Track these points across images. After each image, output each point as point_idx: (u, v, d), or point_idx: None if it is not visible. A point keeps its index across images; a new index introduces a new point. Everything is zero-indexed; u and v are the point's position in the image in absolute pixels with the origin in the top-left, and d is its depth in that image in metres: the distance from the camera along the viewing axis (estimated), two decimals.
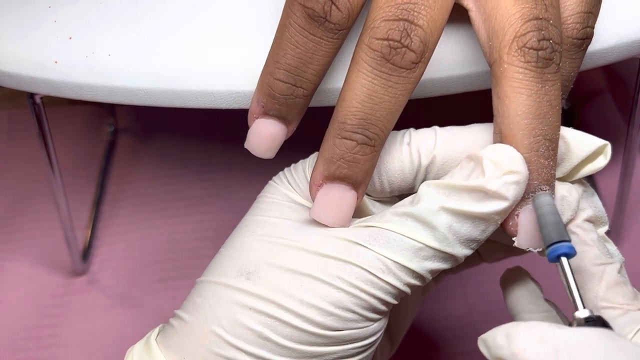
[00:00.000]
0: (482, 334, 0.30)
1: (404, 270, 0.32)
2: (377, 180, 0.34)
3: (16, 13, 0.41)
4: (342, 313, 0.32)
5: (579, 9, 0.34)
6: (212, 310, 0.33)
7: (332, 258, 0.32)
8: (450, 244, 0.32)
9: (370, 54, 0.31)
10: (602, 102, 0.66)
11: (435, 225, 0.32)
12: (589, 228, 0.35)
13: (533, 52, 0.31)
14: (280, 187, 0.36)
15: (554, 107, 0.32)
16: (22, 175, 0.63)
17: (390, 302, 0.33)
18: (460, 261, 0.33)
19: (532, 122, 0.32)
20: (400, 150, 0.34)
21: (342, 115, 0.32)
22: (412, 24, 0.31)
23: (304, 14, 0.32)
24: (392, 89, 0.32)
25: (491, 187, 0.31)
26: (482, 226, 0.32)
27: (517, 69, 0.32)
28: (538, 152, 0.32)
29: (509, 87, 0.32)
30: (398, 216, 0.32)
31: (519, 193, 0.32)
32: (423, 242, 0.32)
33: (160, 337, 0.34)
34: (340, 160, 0.32)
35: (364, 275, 0.32)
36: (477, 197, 0.32)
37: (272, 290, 0.32)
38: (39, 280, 0.57)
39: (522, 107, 0.32)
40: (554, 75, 0.32)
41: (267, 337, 0.32)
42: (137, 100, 0.39)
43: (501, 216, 0.32)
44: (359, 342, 0.33)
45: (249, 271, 0.33)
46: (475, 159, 0.32)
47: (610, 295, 0.33)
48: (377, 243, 0.32)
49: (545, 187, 0.32)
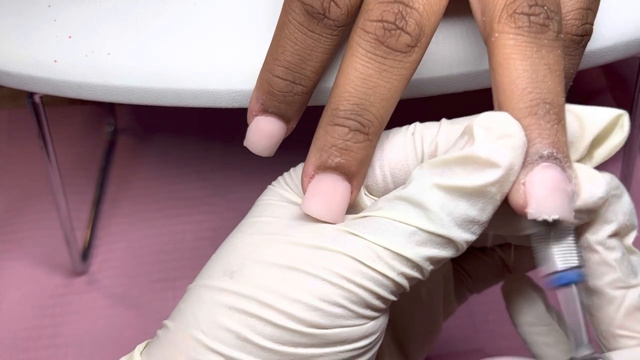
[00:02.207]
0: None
1: (397, 257, 0.29)
2: (379, 173, 0.32)
3: (16, 12, 0.41)
4: (329, 308, 0.29)
5: (578, 5, 0.33)
6: (193, 314, 0.30)
7: (318, 248, 0.30)
8: (445, 225, 0.29)
9: (364, 36, 0.30)
10: (602, 102, 0.66)
11: (426, 206, 0.29)
12: (614, 245, 0.31)
13: (524, 17, 0.29)
14: (277, 188, 0.34)
15: (554, 72, 0.29)
16: (22, 175, 0.63)
17: (385, 296, 0.30)
18: (461, 249, 0.30)
19: (528, 85, 0.29)
20: (404, 140, 0.32)
21: (335, 101, 0.31)
22: (407, 6, 0.30)
23: (303, 10, 0.32)
24: (386, 72, 0.30)
25: (481, 153, 0.28)
26: (479, 204, 0.29)
27: (509, 36, 0.29)
28: (537, 114, 0.29)
29: (502, 55, 0.29)
30: (389, 201, 0.30)
31: (514, 159, 0.28)
32: (415, 224, 0.29)
33: (146, 349, 0.32)
34: (332, 148, 0.31)
35: (353, 265, 0.29)
36: (469, 170, 0.28)
37: (254, 287, 0.30)
38: (39, 280, 0.57)
39: (515, 72, 0.29)
40: (552, 42, 0.30)
41: (246, 337, 0.29)
42: (137, 99, 0.39)
43: (498, 189, 0.29)
44: (351, 344, 0.30)
45: (233, 270, 0.30)
46: (468, 130, 0.29)
47: (630, 322, 0.30)
48: (366, 230, 0.29)
49: (552, 150, 0.29)
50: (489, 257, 0.39)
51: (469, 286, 0.40)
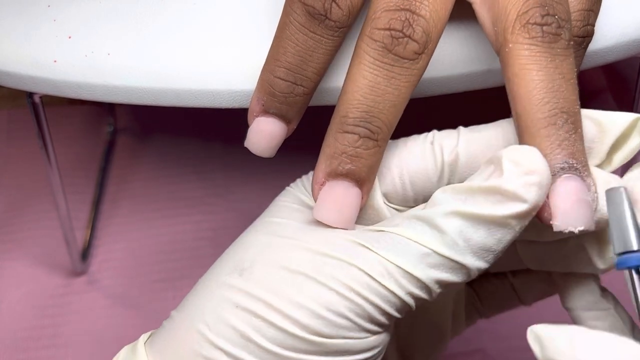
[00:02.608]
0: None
1: (407, 277, 0.29)
2: (399, 182, 0.33)
3: (15, 12, 0.41)
4: (333, 317, 0.29)
5: (580, 7, 0.33)
6: (199, 307, 0.31)
7: (330, 257, 0.30)
8: (461, 251, 0.29)
9: (372, 44, 0.31)
10: (602, 102, 0.66)
11: (444, 230, 0.29)
12: None
13: (537, 27, 0.30)
14: (294, 190, 0.34)
15: (568, 80, 0.30)
16: (22, 175, 0.63)
17: (391, 313, 0.30)
18: (472, 275, 0.30)
19: (545, 95, 0.30)
20: (423, 148, 0.32)
21: (344, 108, 0.31)
22: (414, 14, 0.31)
23: (305, 11, 0.32)
24: (394, 80, 0.31)
25: (509, 187, 0.29)
26: (498, 234, 0.29)
27: (523, 46, 0.30)
28: (556, 124, 0.29)
29: (517, 65, 0.30)
30: (407, 219, 0.30)
31: (539, 196, 0.29)
32: (430, 246, 0.29)
33: (150, 338, 0.32)
34: (342, 156, 0.31)
35: (362, 278, 0.29)
36: (494, 200, 0.29)
37: (262, 288, 0.30)
38: (39, 280, 0.57)
39: (532, 82, 0.30)
40: (564, 50, 0.30)
41: (250, 337, 0.29)
42: (137, 99, 0.39)
43: (519, 222, 0.29)
44: (352, 356, 0.30)
45: (243, 267, 0.31)
46: (495, 160, 0.30)
47: None
48: (380, 245, 0.30)
49: (572, 161, 0.29)
50: (501, 283, 0.39)
51: (479, 309, 0.41)
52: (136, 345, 0.32)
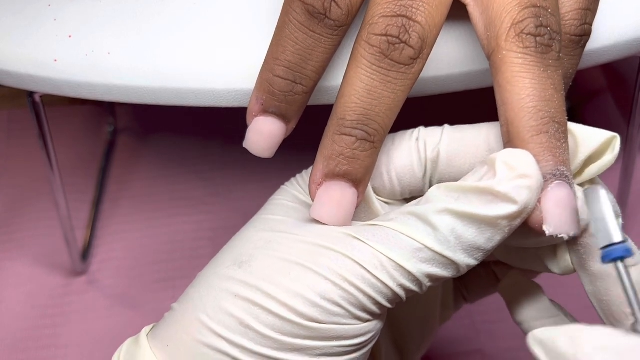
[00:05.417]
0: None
1: (400, 270, 0.31)
2: (386, 177, 0.34)
3: (16, 12, 0.41)
4: (327, 305, 0.30)
5: (577, 6, 0.34)
6: (200, 298, 0.32)
7: (326, 248, 0.31)
8: (452, 248, 0.30)
9: (369, 49, 0.31)
10: (602, 102, 0.66)
11: (437, 226, 0.30)
12: None
13: (531, 37, 0.31)
14: (290, 189, 0.35)
15: (559, 91, 0.31)
16: (22, 175, 0.63)
17: (382, 303, 0.31)
18: (462, 271, 0.31)
19: (538, 104, 0.31)
20: (409, 145, 0.34)
21: (341, 111, 0.32)
22: (411, 20, 0.31)
23: (304, 10, 0.32)
24: (390, 84, 0.32)
25: (501, 189, 0.30)
26: (488, 233, 0.30)
27: (517, 55, 0.31)
28: (548, 132, 0.30)
29: (510, 72, 0.31)
30: (402, 215, 0.31)
31: (530, 199, 0.30)
32: (422, 242, 0.30)
33: (152, 330, 0.33)
34: (340, 157, 0.32)
35: (356, 270, 0.31)
36: (485, 200, 0.30)
37: (260, 278, 0.31)
38: (38, 280, 0.57)
39: (526, 90, 0.31)
40: (555, 62, 0.31)
41: (249, 324, 0.31)
42: (137, 98, 0.39)
43: (509, 223, 0.30)
44: (345, 341, 0.31)
45: (242, 261, 0.32)
46: (490, 162, 0.31)
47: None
48: (375, 239, 0.31)
49: (562, 169, 0.30)
50: (484, 271, 0.40)
51: (465, 295, 0.42)
52: (139, 337, 0.33)
